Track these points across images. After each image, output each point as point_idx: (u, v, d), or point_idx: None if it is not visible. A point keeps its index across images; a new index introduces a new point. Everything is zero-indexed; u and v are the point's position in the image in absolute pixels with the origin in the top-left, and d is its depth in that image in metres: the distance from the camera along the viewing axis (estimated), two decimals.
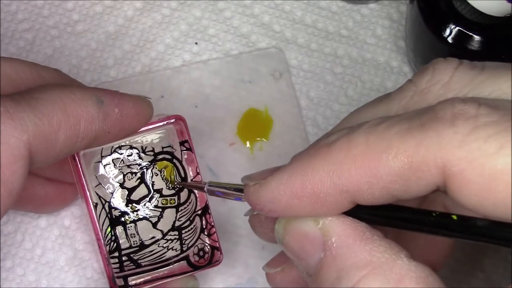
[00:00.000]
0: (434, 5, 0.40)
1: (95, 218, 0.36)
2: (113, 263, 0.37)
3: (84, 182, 0.36)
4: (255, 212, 0.32)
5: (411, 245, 0.31)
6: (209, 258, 0.38)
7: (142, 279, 0.37)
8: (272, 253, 0.43)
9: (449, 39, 0.40)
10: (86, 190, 0.36)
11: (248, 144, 0.45)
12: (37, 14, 0.46)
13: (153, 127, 0.37)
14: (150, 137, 0.37)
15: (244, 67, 0.46)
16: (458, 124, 0.24)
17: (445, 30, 0.40)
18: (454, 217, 0.25)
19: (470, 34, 0.39)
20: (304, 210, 0.27)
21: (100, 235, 0.36)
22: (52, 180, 0.40)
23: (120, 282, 0.37)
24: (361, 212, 0.27)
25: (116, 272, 0.37)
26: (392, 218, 0.27)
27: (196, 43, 0.46)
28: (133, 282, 0.37)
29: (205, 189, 0.34)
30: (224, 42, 0.47)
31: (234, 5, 0.47)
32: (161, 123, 0.37)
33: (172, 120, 0.37)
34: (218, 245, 0.38)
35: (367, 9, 0.48)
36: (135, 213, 0.37)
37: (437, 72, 0.28)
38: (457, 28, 0.40)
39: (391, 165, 0.25)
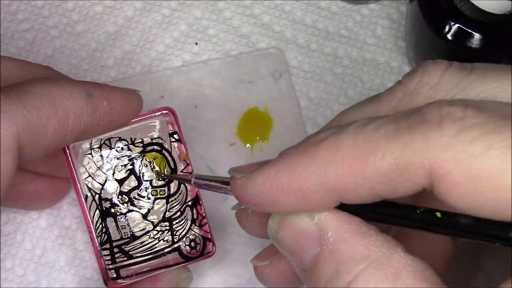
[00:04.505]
0: (435, 2, 0.40)
1: (86, 210, 0.37)
2: (105, 255, 0.37)
3: (75, 175, 0.37)
4: (242, 206, 0.33)
5: (413, 243, 0.32)
6: (201, 250, 0.38)
7: (134, 271, 0.37)
8: None
9: (449, 36, 0.40)
10: (77, 182, 0.37)
11: (248, 145, 0.45)
12: (37, 14, 0.46)
13: (143, 119, 0.37)
14: (140, 129, 0.38)
15: (244, 67, 0.46)
16: (444, 126, 0.24)
17: (445, 27, 0.40)
18: (438, 214, 0.26)
19: (470, 31, 0.39)
20: (289, 206, 0.27)
21: (92, 227, 0.37)
22: (42, 175, 0.40)
23: (112, 274, 0.37)
24: (349, 207, 0.27)
25: (108, 264, 0.37)
26: (378, 214, 0.27)
27: (196, 43, 0.46)
28: (125, 274, 0.37)
29: (191, 182, 0.34)
30: (224, 43, 0.47)
31: (234, 5, 0.47)
32: (150, 115, 0.37)
33: (162, 112, 0.38)
34: (210, 236, 0.38)
35: (367, 9, 0.48)
36: (125, 204, 0.37)
37: (426, 74, 0.28)
38: (457, 25, 0.40)
39: (377, 166, 0.25)
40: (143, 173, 0.38)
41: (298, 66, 0.46)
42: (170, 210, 0.38)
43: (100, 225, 0.37)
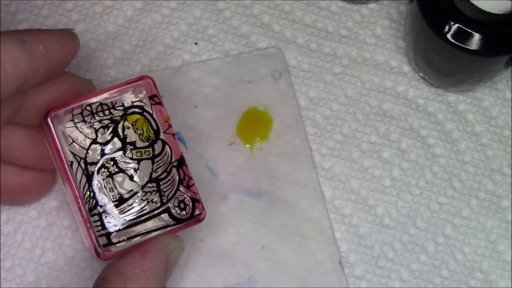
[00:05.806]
0: (434, 2, 0.40)
1: (72, 178, 0.37)
2: (94, 221, 0.37)
3: (57, 142, 0.37)
4: None
5: None
6: (190, 211, 0.38)
7: (125, 236, 0.37)
8: (272, 252, 0.43)
9: (449, 36, 0.40)
10: (60, 149, 0.37)
11: (247, 144, 0.45)
12: (37, 14, 0.46)
13: (122, 89, 0.38)
14: (119, 97, 0.38)
15: (244, 67, 0.46)
16: None
17: (445, 27, 0.40)
18: None
19: (470, 31, 0.39)
20: None
21: (78, 194, 0.37)
22: (27, 168, 0.40)
23: (103, 240, 0.37)
24: None
25: (98, 231, 0.37)
26: None
27: (196, 43, 0.47)
28: (117, 240, 0.37)
29: None
30: (224, 42, 0.47)
31: (234, 5, 0.47)
32: (129, 84, 0.38)
33: (139, 81, 0.38)
34: (198, 198, 0.38)
35: (367, 9, 0.48)
36: (111, 167, 0.38)
37: None
38: (457, 25, 0.40)
39: None
40: (126, 135, 0.38)
41: (297, 66, 0.46)
42: (156, 171, 0.38)
43: (88, 191, 0.37)
